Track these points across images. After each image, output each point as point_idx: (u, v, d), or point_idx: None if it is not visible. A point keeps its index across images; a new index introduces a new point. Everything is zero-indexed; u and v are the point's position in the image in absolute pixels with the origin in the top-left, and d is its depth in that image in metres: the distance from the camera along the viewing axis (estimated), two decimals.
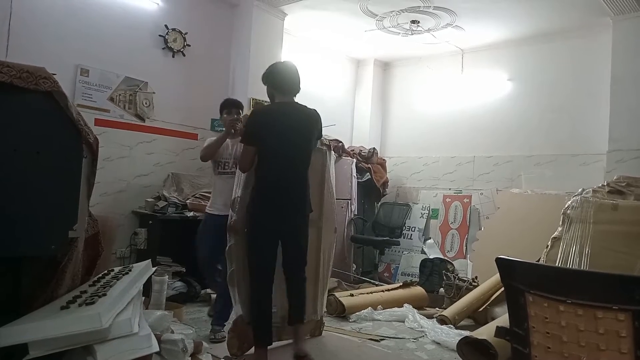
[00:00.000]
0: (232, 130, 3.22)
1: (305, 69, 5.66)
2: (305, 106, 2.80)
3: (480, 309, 3.69)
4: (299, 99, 2.86)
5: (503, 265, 1.48)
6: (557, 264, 3.02)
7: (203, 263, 3.33)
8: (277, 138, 2.62)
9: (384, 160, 6.19)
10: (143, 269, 2.08)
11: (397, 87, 6.62)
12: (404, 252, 5.69)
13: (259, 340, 2.59)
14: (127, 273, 1.98)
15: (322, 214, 3.22)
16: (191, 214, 4.00)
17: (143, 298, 2.00)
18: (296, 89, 2.78)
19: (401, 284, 4.44)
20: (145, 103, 4.27)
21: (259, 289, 2.63)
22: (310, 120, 2.76)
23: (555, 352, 1.32)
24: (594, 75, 4.81)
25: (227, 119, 3.29)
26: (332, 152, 3.41)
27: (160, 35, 4.37)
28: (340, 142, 5.37)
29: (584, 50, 4.97)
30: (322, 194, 3.23)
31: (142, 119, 4.26)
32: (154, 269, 2.22)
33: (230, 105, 3.45)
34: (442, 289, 4.44)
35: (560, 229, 3.26)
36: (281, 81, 2.75)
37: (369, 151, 5.90)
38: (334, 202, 3.35)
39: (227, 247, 2.77)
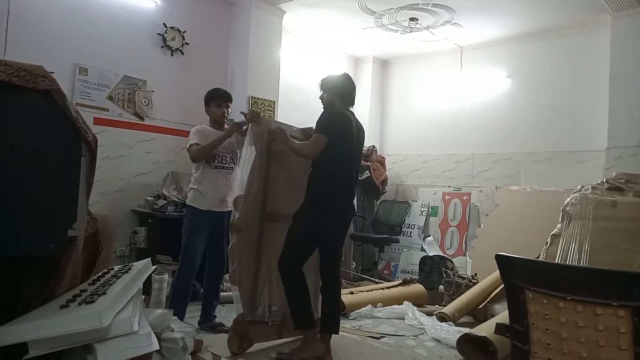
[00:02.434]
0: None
1: (304, 67, 5.70)
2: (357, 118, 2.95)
3: (480, 306, 3.70)
4: (299, 96, 2.90)
5: (503, 262, 1.48)
6: (556, 261, 3.03)
7: (193, 265, 3.11)
8: (349, 145, 2.75)
9: (383, 158, 6.19)
10: (143, 268, 2.08)
11: (395, 84, 6.62)
12: (404, 250, 5.70)
13: (310, 323, 2.71)
14: (126, 272, 1.98)
15: None
16: None
17: (143, 297, 2.00)
18: (354, 102, 2.92)
19: (401, 281, 4.45)
20: (144, 102, 4.26)
21: (302, 281, 2.69)
22: (363, 132, 2.93)
23: (555, 348, 1.32)
24: (593, 72, 4.81)
25: (224, 118, 3.17)
26: None
27: (158, 34, 4.36)
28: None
29: (583, 47, 4.97)
30: None
31: (141, 118, 4.25)
32: (153, 267, 2.22)
33: (222, 98, 3.22)
34: (441, 287, 4.44)
35: (559, 225, 3.27)
36: (349, 93, 2.88)
37: (368, 149, 5.90)
38: None
39: (229, 246, 2.75)
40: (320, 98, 2.91)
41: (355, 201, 5.41)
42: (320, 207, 2.68)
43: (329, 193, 2.69)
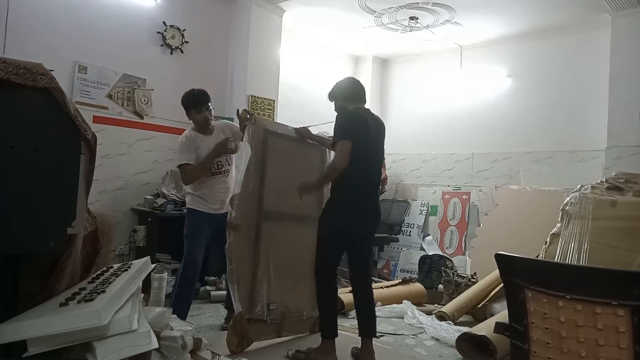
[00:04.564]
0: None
1: (304, 66, 5.70)
2: (374, 114, 2.94)
3: (479, 305, 3.70)
4: (298, 95, 2.91)
5: (502, 261, 1.48)
6: (556, 260, 3.03)
7: (196, 266, 3.07)
8: (366, 142, 2.69)
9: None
10: (142, 266, 2.07)
11: (395, 83, 6.61)
12: (403, 249, 5.70)
13: (331, 333, 2.70)
14: (126, 270, 1.97)
15: (321, 210, 3.21)
16: None
17: (142, 295, 1.99)
18: (365, 97, 2.92)
19: (400, 280, 4.45)
20: (144, 100, 4.25)
21: (332, 288, 2.75)
22: (383, 126, 2.91)
23: (554, 347, 1.32)
24: (593, 72, 4.81)
25: (225, 145, 2.96)
26: None
27: (158, 32, 4.35)
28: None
29: (583, 46, 4.97)
30: (322, 190, 3.22)
31: (141, 116, 4.25)
32: (153, 265, 2.22)
33: (199, 102, 3.02)
34: (441, 286, 4.45)
35: (559, 225, 3.27)
36: (355, 92, 2.88)
37: None
38: None
39: (227, 244, 2.76)
40: (335, 111, 2.91)
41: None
42: (339, 209, 2.68)
43: (346, 195, 2.67)
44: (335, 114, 2.83)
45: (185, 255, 3.06)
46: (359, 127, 2.68)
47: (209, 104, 3.10)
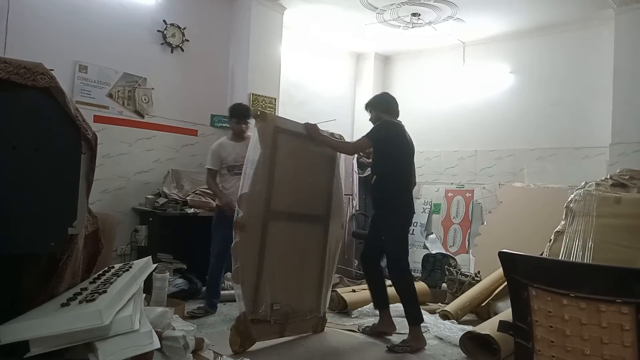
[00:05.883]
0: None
1: (305, 63, 5.69)
2: None
3: (483, 304, 3.69)
4: (300, 93, 2.93)
5: (506, 259, 1.47)
6: (560, 258, 3.01)
7: (214, 256, 3.51)
8: (406, 148, 3.15)
9: None
10: (143, 266, 2.08)
11: (397, 81, 6.59)
12: None
13: (420, 319, 3.01)
14: (127, 270, 1.97)
15: (330, 209, 3.19)
16: (192, 210, 3.99)
17: (144, 295, 1.99)
18: (398, 112, 3.32)
19: None
20: (144, 99, 4.25)
21: (413, 279, 3.14)
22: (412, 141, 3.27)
23: (558, 345, 1.32)
24: (597, 68, 4.78)
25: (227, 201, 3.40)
26: None
27: (158, 31, 4.35)
28: (342, 136, 5.35)
29: (587, 42, 4.94)
30: (331, 189, 3.20)
31: (141, 115, 4.24)
32: (154, 265, 2.22)
33: (241, 115, 3.56)
34: (444, 284, 4.43)
35: (563, 222, 3.25)
36: (390, 106, 3.28)
37: None
38: (342, 198, 3.33)
39: (233, 244, 2.73)
40: (370, 120, 3.27)
41: (357, 199, 5.50)
42: (395, 205, 3.05)
43: (397, 193, 3.05)
44: (370, 122, 3.26)
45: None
46: (398, 134, 3.09)
47: (248, 120, 3.57)
